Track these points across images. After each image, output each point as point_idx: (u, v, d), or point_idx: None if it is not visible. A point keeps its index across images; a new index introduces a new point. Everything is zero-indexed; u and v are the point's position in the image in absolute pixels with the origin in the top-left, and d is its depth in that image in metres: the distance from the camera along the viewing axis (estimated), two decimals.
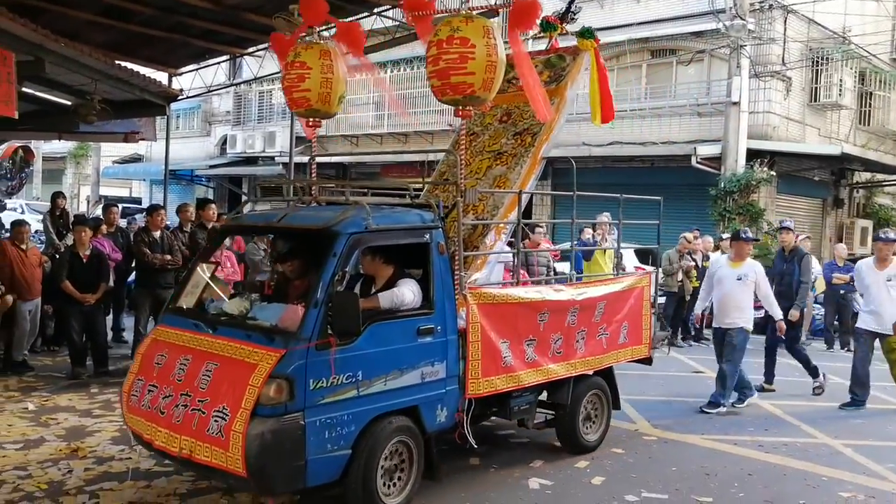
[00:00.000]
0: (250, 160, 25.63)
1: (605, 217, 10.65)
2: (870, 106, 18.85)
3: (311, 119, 6.25)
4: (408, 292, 4.87)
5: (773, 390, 8.89)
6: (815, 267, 13.01)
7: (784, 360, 11.36)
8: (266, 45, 10.99)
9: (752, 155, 15.79)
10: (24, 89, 9.91)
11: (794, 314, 8.75)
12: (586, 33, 6.70)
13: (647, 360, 6.99)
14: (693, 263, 12.30)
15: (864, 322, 8.42)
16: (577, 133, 19.08)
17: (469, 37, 4.97)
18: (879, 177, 19.59)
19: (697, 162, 16.03)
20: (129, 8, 9.29)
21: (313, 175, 6.51)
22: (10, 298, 8.31)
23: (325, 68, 5.90)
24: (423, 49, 5.77)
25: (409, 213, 5.24)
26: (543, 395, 6.12)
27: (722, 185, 15.75)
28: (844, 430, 7.31)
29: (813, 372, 8.98)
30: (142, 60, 12.42)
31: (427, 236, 5.04)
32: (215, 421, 4.16)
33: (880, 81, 18.67)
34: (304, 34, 6.09)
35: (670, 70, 17.95)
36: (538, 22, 6.65)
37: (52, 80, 10.58)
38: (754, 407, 8.19)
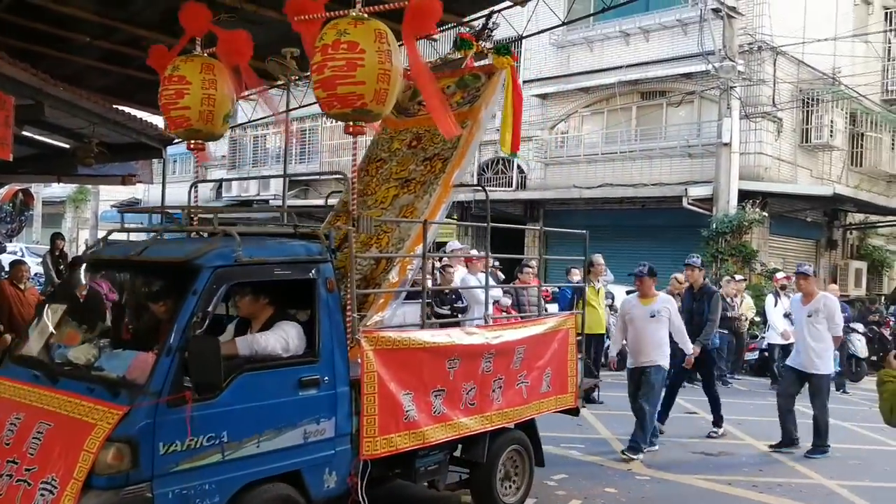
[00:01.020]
0: (245, 203, 25.62)
1: (598, 259, 10.53)
2: (861, 147, 18.92)
3: (193, 141, 5.60)
4: (275, 338, 4.17)
5: (663, 432, 8.31)
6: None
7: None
8: (262, 87, 11.03)
9: (744, 196, 15.78)
10: (24, 133, 9.99)
11: (695, 349, 8.34)
12: (502, 49, 6.25)
13: (574, 411, 6.35)
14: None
15: (790, 359, 8.27)
16: (567, 175, 19.19)
17: (358, 41, 4.36)
18: (872, 218, 19.59)
19: (689, 203, 16.01)
20: (127, 53, 9.38)
21: (195, 200, 5.85)
22: (8, 338, 8.16)
23: (207, 83, 5.26)
24: None
25: (292, 244, 4.57)
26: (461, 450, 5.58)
27: (714, 226, 15.70)
28: (840, 471, 7.12)
29: (717, 419, 8.54)
30: (139, 104, 12.51)
31: (313, 271, 4.38)
32: (42, 495, 3.44)
33: (871, 122, 18.79)
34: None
35: (660, 112, 18.05)
36: (455, 40, 6.48)
37: (52, 124, 10.64)
38: (749, 447, 8.01)
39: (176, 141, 13.47)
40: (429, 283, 6.00)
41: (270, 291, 4.38)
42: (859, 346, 13.44)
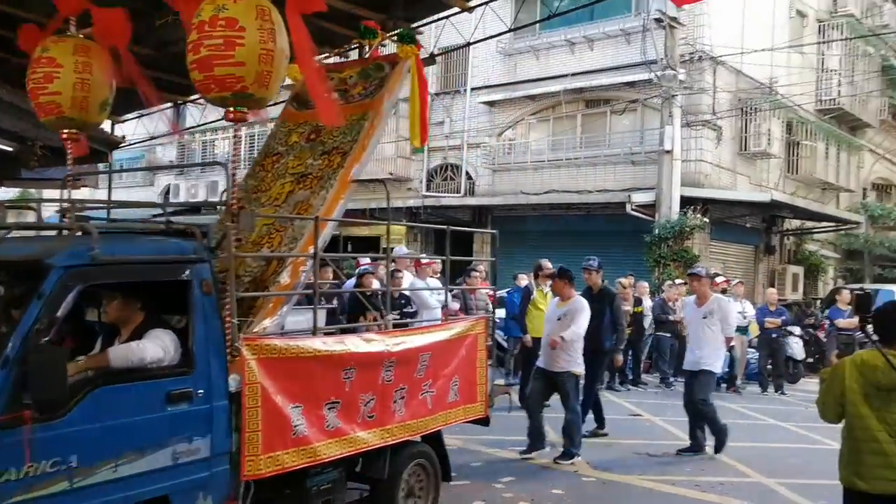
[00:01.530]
0: (194, 209, 25.16)
1: (546, 263, 10.62)
2: (797, 155, 19.54)
3: (67, 132, 5.03)
4: (153, 347, 3.75)
5: (606, 434, 8.35)
6: (749, 311, 13.25)
7: (723, 403, 11.42)
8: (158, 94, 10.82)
9: (686, 202, 16.13)
10: None
11: (618, 360, 8.43)
12: (406, 37, 5.89)
13: (484, 421, 6.00)
14: (628, 309, 12.37)
15: (685, 361, 8.28)
16: (514, 181, 19.36)
17: (237, 18, 4.00)
18: (808, 224, 20.23)
19: (632, 209, 16.28)
20: None
21: (71, 192, 5.39)
22: None
23: (81, 66, 4.74)
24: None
25: (162, 242, 4.14)
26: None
27: (656, 232, 16.00)
28: (778, 469, 7.31)
29: (600, 422, 8.49)
30: None
31: (187, 272, 3.95)
32: None
33: (806, 131, 19.43)
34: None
35: (605, 119, 18.36)
36: (361, 28, 6.04)
37: None
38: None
39: (123, 145, 13.16)
40: (318, 286, 5.73)
41: (140, 295, 3.93)
42: (796, 348, 13.84)
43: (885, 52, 22.48)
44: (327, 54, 6.39)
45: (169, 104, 12.94)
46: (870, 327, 3.59)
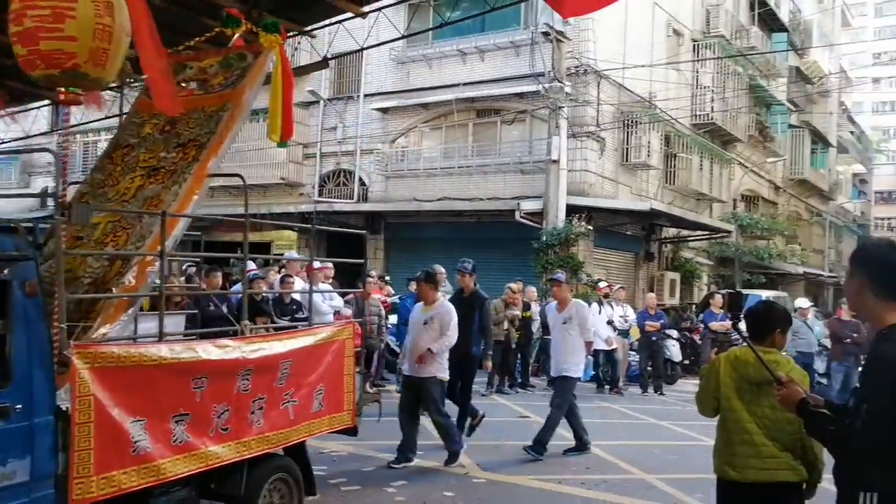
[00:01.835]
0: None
1: (438, 268, 10.71)
2: (674, 167, 20.57)
3: (70, 90, 4.17)
4: None
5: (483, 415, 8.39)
6: (631, 315, 13.85)
7: (607, 404, 11.91)
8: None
9: (571, 210, 16.68)
10: None
11: (487, 364, 8.43)
12: (270, 27, 5.62)
13: (352, 430, 5.76)
14: (517, 313, 12.68)
15: (551, 367, 8.41)
16: (408, 188, 19.47)
17: None
18: (684, 232, 21.31)
19: (521, 217, 16.70)
20: None
21: None
22: None
23: (103, 8, 3.77)
24: (256, 102, 5.32)
25: None
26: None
27: (544, 239, 16.47)
28: (658, 466, 7.67)
29: (470, 427, 8.32)
30: None
31: (6, 271, 3.55)
32: None
33: (683, 144, 20.48)
34: None
35: (495, 129, 18.76)
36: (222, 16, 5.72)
37: None
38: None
39: None
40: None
41: None
42: (674, 350, 14.58)
43: (752, 72, 24.07)
44: (186, 43, 6.02)
45: (46, 102, 12.26)
46: (741, 324, 3.80)
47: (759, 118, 25.45)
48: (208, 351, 4.36)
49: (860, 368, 4.07)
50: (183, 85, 5.56)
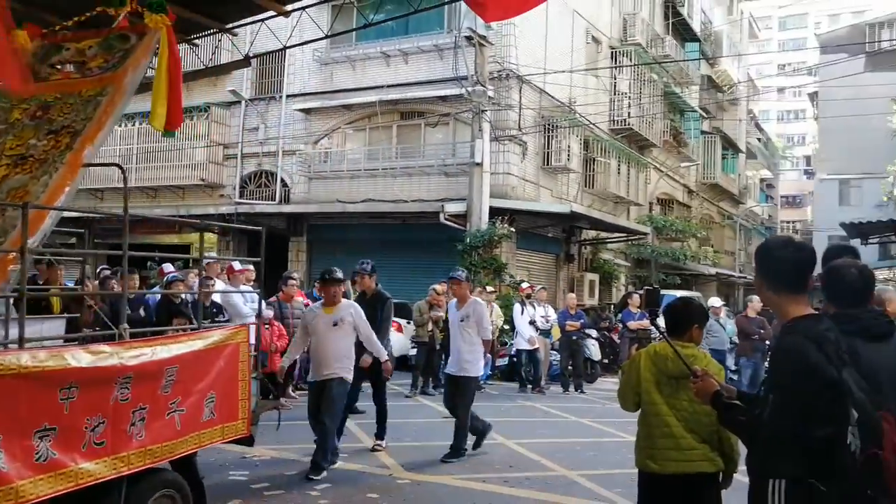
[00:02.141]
0: None
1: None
2: (593, 171, 21.07)
3: None
4: None
5: (382, 448, 7.93)
6: (552, 315, 14.10)
7: (529, 402, 12.10)
8: None
9: (495, 212, 16.89)
10: None
11: (365, 360, 7.72)
12: (156, 6, 5.27)
13: (248, 440, 5.44)
14: (441, 314, 12.72)
15: (447, 365, 8.15)
16: (331, 190, 19.33)
17: None
18: (603, 234, 21.85)
19: (445, 219, 16.80)
20: None
21: None
22: None
23: None
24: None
25: None
26: None
27: (468, 241, 16.61)
28: (579, 462, 7.83)
29: (381, 431, 8.05)
30: None
31: None
32: None
33: (601, 149, 21.00)
34: None
35: (419, 131, 18.83)
36: None
37: None
38: (501, 445, 8.53)
39: None
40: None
41: None
42: (593, 350, 14.92)
43: (666, 80, 24.89)
44: (64, 23, 5.66)
45: None
46: (660, 320, 3.93)
47: (673, 124, 26.33)
48: (79, 358, 3.91)
49: (767, 362, 4.27)
50: (58, 67, 5.20)
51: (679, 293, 19.03)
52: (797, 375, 2.47)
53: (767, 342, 11.56)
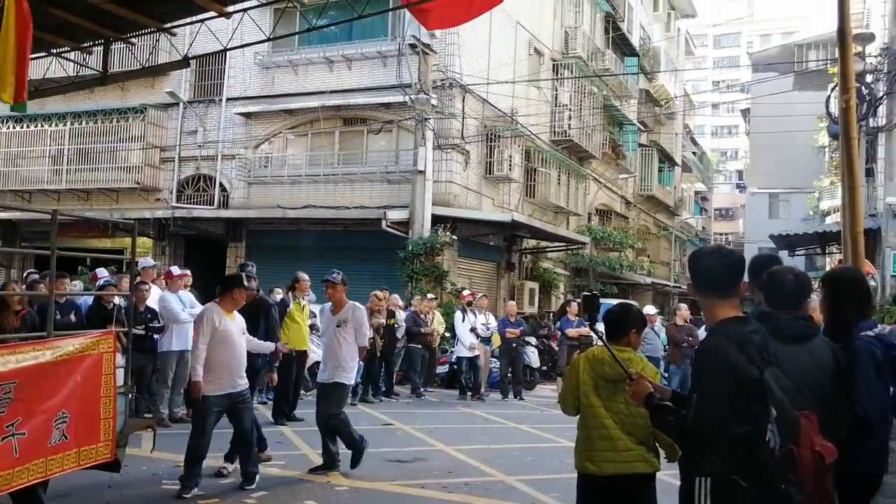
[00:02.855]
0: None
1: (303, 276, 10.58)
2: (534, 180, 21.32)
3: None
4: None
5: (269, 458, 7.48)
6: (492, 323, 14.19)
7: (469, 409, 12.16)
8: None
9: (437, 220, 16.94)
10: None
11: (272, 378, 7.83)
12: None
13: (114, 465, 4.88)
14: (382, 321, 12.70)
15: (319, 373, 7.50)
16: (271, 195, 19.10)
17: None
18: (543, 244, 22.13)
19: (388, 226, 16.77)
20: None
21: None
22: None
23: None
24: (108, 101, 4.86)
25: None
26: None
27: (410, 248, 16.62)
28: (517, 468, 7.90)
29: (260, 445, 7.25)
30: None
31: None
32: None
33: (542, 160, 21.28)
34: None
35: (362, 138, 18.78)
36: None
37: None
38: (441, 452, 8.55)
39: None
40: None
41: None
42: (533, 357, 15.08)
43: (606, 93, 25.40)
44: None
45: None
46: (599, 325, 4.02)
47: (612, 136, 26.86)
48: None
49: None
50: None
51: (615, 302, 19.36)
52: (718, 375, 2.56)
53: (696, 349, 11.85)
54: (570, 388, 3.99)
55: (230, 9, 7.43)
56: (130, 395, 5.36)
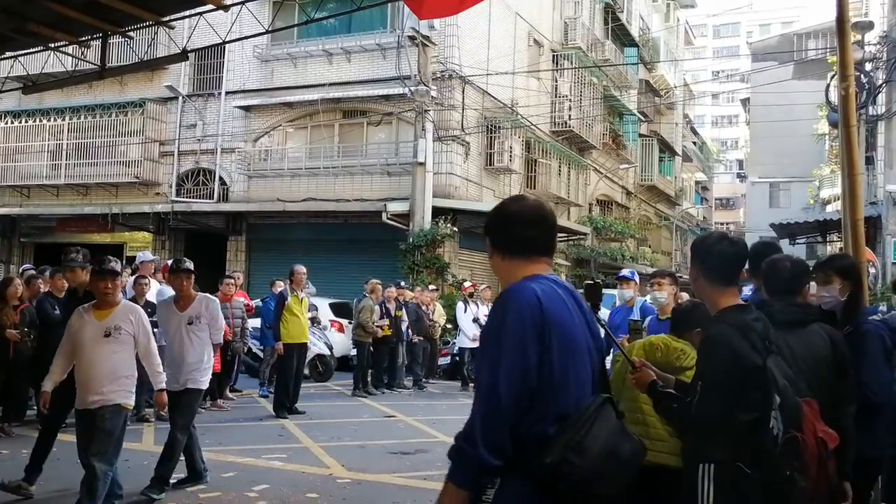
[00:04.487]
0: None
1: (299, 268, 10.58)
2: (535, 171, 21.30)
3: None
4: None
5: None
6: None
7: (471, 401, 12.11)
8: None
9: (437, 212, 16.92)
10: None
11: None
12: None
13: None
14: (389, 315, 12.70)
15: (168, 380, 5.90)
16: (271, 188, 19.08)
17: None
18: None
19: (388, 218, 16.76)
20: None
21: None
22: None
23: None
24: (107, 95, 4.83)
25: None
26: None
27: (410, 240, 16.61)
28: None
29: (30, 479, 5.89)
30: None
31: None
32: None
33: (542, 150, 21.25)
34: None
35: (362, 130, 18.74)
36: None
37: None
38: (443, 444, 8.55)
39: None
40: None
41: None
42: None
43: (606, 83, 25.33)
44: None
45: None
46: (601, 313, 3.99)
47: (612, 127, 26.81)
48: None
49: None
50: None
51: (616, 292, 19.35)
52: (722, 363, 2.56)
53: None
54: (620, 371, 3.95)
55: (228, 1, 7.40)
56: None
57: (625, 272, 8.07)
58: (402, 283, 14.07)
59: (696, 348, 3.95)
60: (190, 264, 6.42)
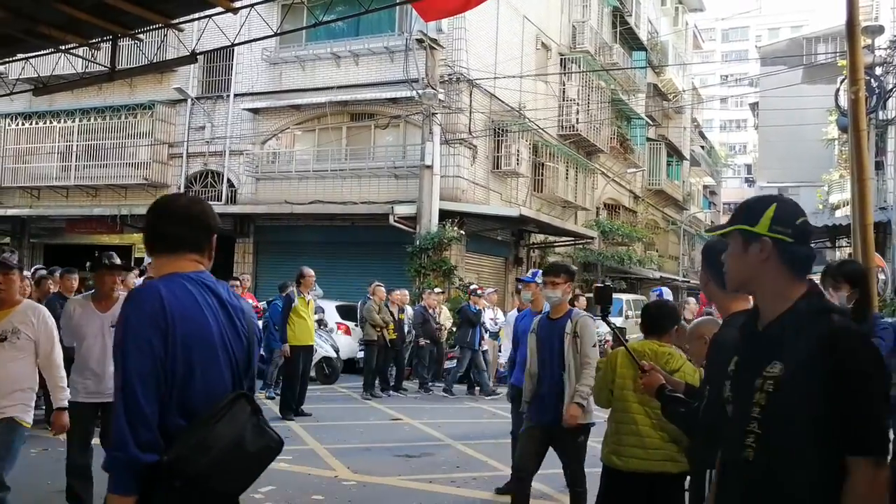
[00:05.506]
0: None
1: (308, 271, 10.59)
2: (542, 175, 21.28)
3: None
4: None
5: None
6: (501, 318, 14.16)
7: (477, 404, 12.14)
8: None
9: (444, 215, 16.91)
10: None
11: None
12: None
13: None
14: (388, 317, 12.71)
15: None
16: (279, 191, 19.12)
17: None
18: (551, 238, 22.09)
19: (395, 221, 16.76)
20: None
21: None
22: None
23: None
24: (116, 97, 4.86)
25: None
26: None
27: (417, 243, 16.61)
28: None
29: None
30: None
31: None
32: None
33: (549, 154, 21.23)
34: None
35: (369, 133, 18.76)
36: None
37: None
38: (448, 447, 8.55)
39: None
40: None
41: None
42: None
43: (614, 87, 25.31)
44: None
45: None
46: (611, 317, 3.97)
47: (620, 131, 26.76)
48: None
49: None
50: None
51: (625, 297, 19.31)
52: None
53: None
54: (606, 380, 3.96)
55: (237, 4, 7.42)
56: None
57: (527, 275, 7.93)
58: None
59: (680, 346, 3.97)
60: (116, 259, 5.60)
